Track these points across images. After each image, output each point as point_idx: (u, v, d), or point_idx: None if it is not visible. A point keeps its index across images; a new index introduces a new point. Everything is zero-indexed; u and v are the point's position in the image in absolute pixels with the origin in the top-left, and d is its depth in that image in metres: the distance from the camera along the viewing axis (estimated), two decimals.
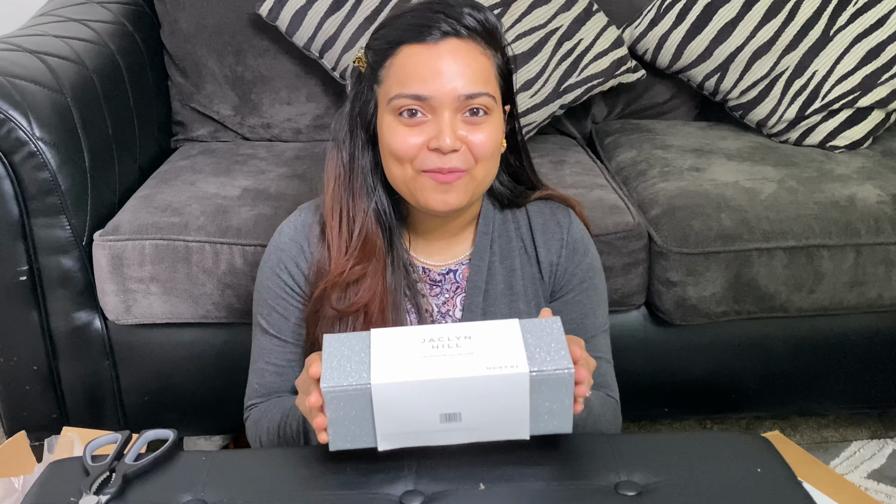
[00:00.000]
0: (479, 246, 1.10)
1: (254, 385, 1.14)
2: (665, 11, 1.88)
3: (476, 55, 0.97)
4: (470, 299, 1.09)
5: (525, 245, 1.12)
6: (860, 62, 1.80)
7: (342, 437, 0.85)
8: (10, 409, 1.56)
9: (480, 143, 0.98)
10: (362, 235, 1.05)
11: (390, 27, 1.00)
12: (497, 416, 0.85)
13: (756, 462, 0.92)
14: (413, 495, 0.87)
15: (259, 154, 1.80)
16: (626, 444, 0.96)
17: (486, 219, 1.11)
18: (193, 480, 0.90)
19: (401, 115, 0.98)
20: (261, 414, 1.11)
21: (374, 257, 1.05)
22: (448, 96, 0.96)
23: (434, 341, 0.85)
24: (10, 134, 1.37)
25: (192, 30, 1.87)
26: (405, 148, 0.98)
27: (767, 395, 1.67)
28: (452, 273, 1.11)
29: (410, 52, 0.97)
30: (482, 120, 0.98)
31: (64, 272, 1.47)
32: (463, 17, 0.97)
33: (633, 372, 1.22)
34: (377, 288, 1.05)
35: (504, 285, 1.10)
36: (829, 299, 1.54)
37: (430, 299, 1.10)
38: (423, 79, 0.95)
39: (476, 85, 0.97)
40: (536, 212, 1.13)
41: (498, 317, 1.09)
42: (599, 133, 1.99)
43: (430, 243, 1.10)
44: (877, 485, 1.64)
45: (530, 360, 0.83)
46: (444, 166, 0.97)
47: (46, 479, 0.92)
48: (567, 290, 1.13)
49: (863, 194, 1.58)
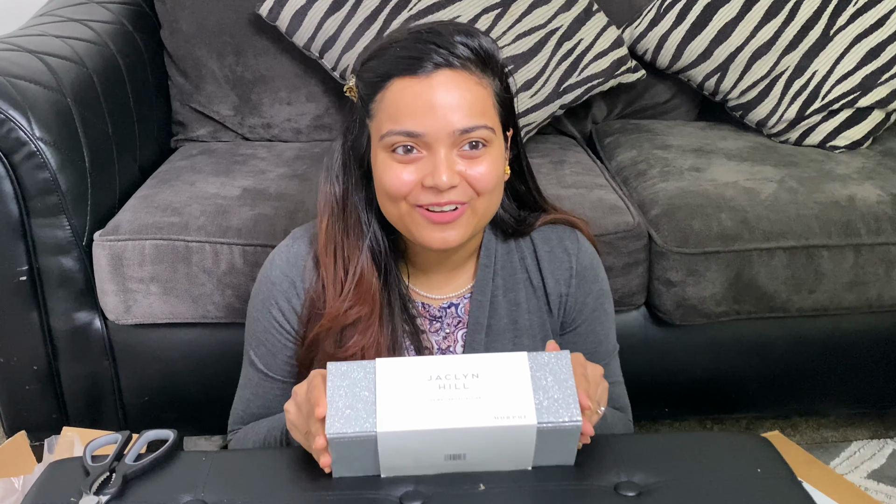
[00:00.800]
0: (481, 279, 1.05)
1: (238, 412, 1.13)
2: (665, 11, 1.88)
3: (471, 86, 0.92)
4: (472, 336, 1.05)
5: (531, 276, 1.07)
6: (860, 62, 1.80)
7: (346, 470, 0.87)
8: (10, 409, 1.56)
9: (480, 177, 0.93)
10: (356, 276, 1.00)
11: (380, 59, 0.94)
12: (501, 456, 0.86)
13: (756, 462, 0.92)
14: (413, 496, 0.87)
15: (259, 154, 1.80)
16: (626, 444, 0.95)
17: (487, 250, 1.06)
18: (193, 480, 0.90)
19: (394, 152, 0.93)
20: (245, 432, 1.11)
21: (369, 298, 1.01)
22: (443, 132, 0.91)
23: (441, 379, 0.84)
24: (10, 134, 1.37)
25: (192, 30, 1.87)
26: (398, 186, 0.93)
27: (767, 395, 1.67)
28: (454, 307, 1.07)
29: (402, 87, 0.91)
30: (481, 153, 0.93)
31: (64, 272, 1.47)
32: (455, 46, 0.91)
33: (633, 372, 1.22)
34: (373, 330, 1.01)
35: (507, 320, 1.06)
36: (829, 299, 1.54)
37: (430, 336, 1.07)
38: (416, 114, 0.90)
39: (472, 118, 0.91)
40: (542, 239, 1.08)
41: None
42: (599, 133, 1.98)
43: (429, 277, 1.06)
44: (877, 485, 1.64)
45: (538, 410, 0.82)
46: (441, 201, 0.93)
47: (46, 479, 0.92)
48: (579, 321, 1.10)
49: (863, 194, 1.58)
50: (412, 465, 0.87)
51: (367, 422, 0.82)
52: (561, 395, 0.83)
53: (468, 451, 0.85)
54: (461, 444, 0.84)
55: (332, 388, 0.84)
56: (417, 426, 0.82)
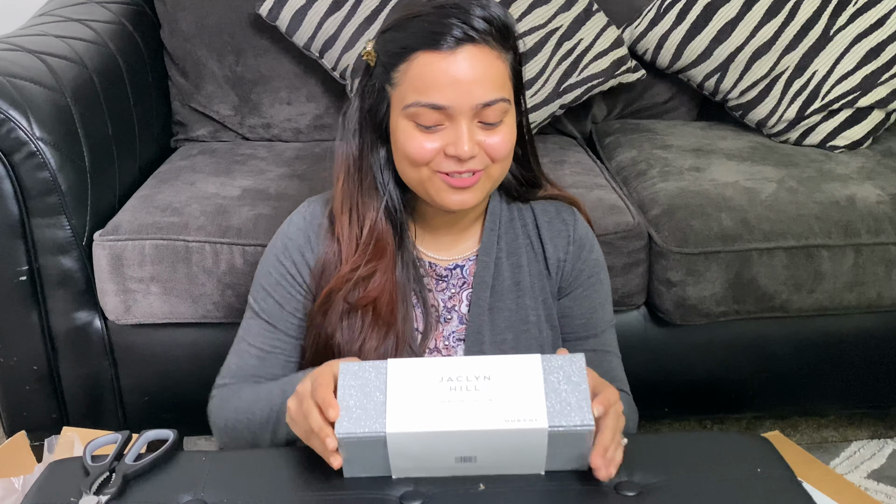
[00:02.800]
0: (487, 242, 1.10)
1: (231, 365, 1.13)
2: (665, 11, 1.88)
3: (492, 60, 0.97)
4: (477, 295, 1.09)
5: (532, 242, 1.13)
6: (860, 62, 1.80)
7: (357, 470, 0.87)
8: (10, 409, 1.56)
9: (497, 146, 0.99)
10: (374, 234, 1.05)
11: (402, 30, 0.98)
12: (513, 460, 0.86)
13: (756, 462, 0.92)
14: (413, 496, 0.87)
15: (259, 154, 1.80)
16: (627, 444, 0.96)
17: (493, 215, 1.11)
18: (193, 480, 0.90)
19: (418, 123, 0.98)
20: (232, 393, 1.10)
21: (385, 254, 1.06)
22: (466, 105, 0.96)
23: (452, 381, 0.84)
24: (10, 134, 1.37)
25: (192, 30, 1.87)
26: (422, 153, 0.98)
27: (767, 395, 1.67)
28: (459, 268, 1.11)
29: (426, 61, 0.96)
30: (499, 123, 0.99)
31: (64, 272, 1.47)
32: (475, 20, 0.96)
33: (633, 372, 1.22)
34: (387, 284, 1.05)
35: (511, 281, 1.11)
36: (829, 299, 1.54)
37: (437, 294, 1.11)
38: (441, 88, 0.95)
39: (493, 92, 0.97)
40: (542, 210, 1.14)
41: (504, 312, 1.10)
42: (599, 133, 1.98)
43: (437, 238, 1.11)
44: (877, 485, 1.64)
45: (550, 413, 0.82)
46: (461, 169, 0.98)
47: (46, 479, 0.92)
48: (575, 286, 1.14)
49: (863, 194, 1.58)
50: (422, 466, 0.86)
51: (377, 422, 0.82)
52: (574, 399, 0.83)
53: (479, 454, 0.85)
54: (472, 446, 0.84)
55: (343, 388, 0.84)
56: (427, 427, 0.82)
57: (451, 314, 1.11)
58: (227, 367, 1.14)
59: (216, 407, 1.12)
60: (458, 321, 1.10)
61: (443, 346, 1.10)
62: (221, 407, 1.11)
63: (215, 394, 1.13)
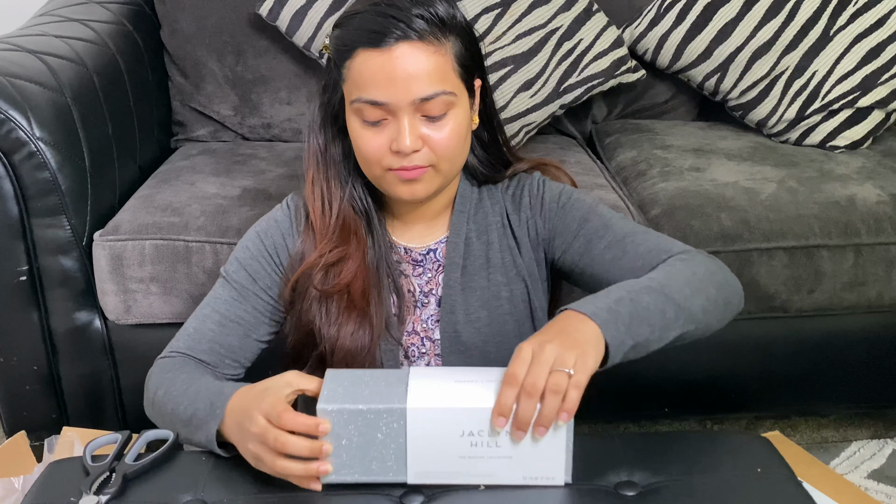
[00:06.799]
0: (456, 224, 1.12)
1: (189, 328, 1.11)
2: (665, 11, 1.88)
3: (429, 55, 0.97)
4: (448, 275, 1.11)
5: (501, 220, 1.13)
6: (860, 62, 1.80)
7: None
8: (10, 409, 1.56)
9: (441, 141, 1.00)
10: (340, 220, 1.09)
11: (347, 27, 1.01)
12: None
13: (756, 462, 0.92)
14: (413, 495, 0.87)
15: (259, 154, 1.80)
16: (626, 444, 0.96)
17: (462, 198, 1.13)
18: (193, 480, 0.90)
19: (364, 119, 1.00)
20: (171, 373, 1.06)
21: (353, 239, 1.08)
22: (404, 100, 0.97)
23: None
24: (10, 134, 1.37)
25: (192, 30, 1.87)
26: (370, 151, 1.00)
27: (767, 395, 1.67)
28: (433, 252, 1.13)
29: (366, 58, 0.98)
30: (443, 116, 1.00)
31: (64, 272, 1.47)
32: (412, 20, 0.97)
33: (633, 372, 1.21)
34: (359, 269, 1.08)
35: (482, 260, 1.12)
36: (829, 299, 1.54)
37: (413, 279, 1.12)
38: (379, 85, 0.97)
39: (432, 86, 0.97)
40: (507, 186, 1.15)
41: (476, 291, 1.10)
42: (599, 133, 1.98)
43: (409, 227, 1.13)
44: (877, 485, 1.64)
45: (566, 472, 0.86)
46: (407, 165, 1.00)
47: (46, 479, 0.92)
48: (558, 230, 1.10)
49: (863, 194, 1.58)
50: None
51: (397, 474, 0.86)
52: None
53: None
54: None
55: (334, 431, 0.85)
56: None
57: (428, 298, 1.12)
58: (185, 331, 1.11)
59: (154, 375, 1.08)
60: (436, 304, 1.12)
61: (421, 329, 1.11)
62: (155, 381, 1.06)
63: (159, 362, 1.10)
